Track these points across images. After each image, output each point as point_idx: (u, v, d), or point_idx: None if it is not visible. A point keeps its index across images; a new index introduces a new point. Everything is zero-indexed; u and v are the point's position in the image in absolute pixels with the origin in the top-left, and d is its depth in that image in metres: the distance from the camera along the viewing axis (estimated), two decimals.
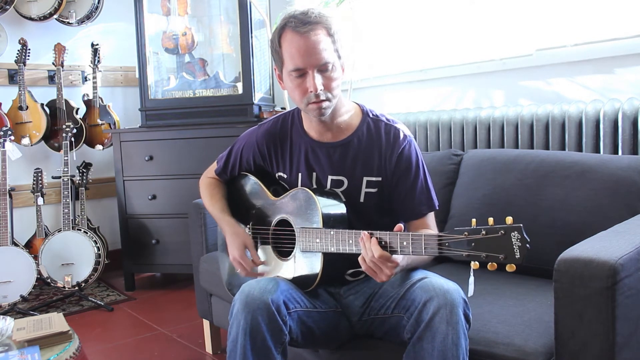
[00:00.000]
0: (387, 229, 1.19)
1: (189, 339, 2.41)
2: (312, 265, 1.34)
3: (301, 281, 1.36)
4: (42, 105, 3.14)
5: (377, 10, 2.89)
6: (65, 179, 2.99)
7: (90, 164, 3.28)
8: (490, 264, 1.05)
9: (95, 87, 3.30)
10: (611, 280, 1.05)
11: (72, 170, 3.11)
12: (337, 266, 1.36)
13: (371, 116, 1.46)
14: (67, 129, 3.03)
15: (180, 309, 2.81)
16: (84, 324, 2.62)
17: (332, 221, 1.33)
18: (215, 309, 2.11)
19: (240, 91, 3.03)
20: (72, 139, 3.08)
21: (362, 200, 1.42)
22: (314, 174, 1.45)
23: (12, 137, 2.88)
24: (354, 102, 1.50)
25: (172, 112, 3.08)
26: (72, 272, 2.90)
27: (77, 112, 3.28)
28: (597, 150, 1.87)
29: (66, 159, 3.00)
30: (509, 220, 1.05)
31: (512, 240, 1.03)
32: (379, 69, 2.90)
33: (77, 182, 3.19)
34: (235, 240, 1.49)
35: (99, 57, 3.30)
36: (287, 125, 1.51)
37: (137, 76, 3.13)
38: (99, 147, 3.35)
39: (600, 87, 2.02)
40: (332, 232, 1.28)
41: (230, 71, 3.23)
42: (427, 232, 1.34)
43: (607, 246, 1.14)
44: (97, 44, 3.30)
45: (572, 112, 1.92)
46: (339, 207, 1.37)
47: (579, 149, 1.91)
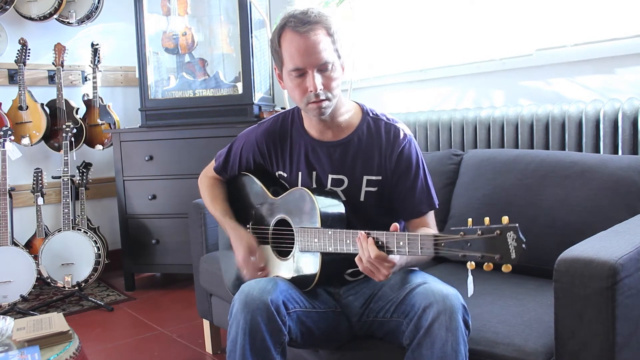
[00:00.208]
0: (387, 228, 1.19)
1: (189, 339, 2.41)
2: (310, 265, 1.34)
3: (300, 281, 1.36)
4: (42, 105, 3.14)
5: (377, 10, 2.89)
6: (65, 179, 2.99)
7: (90, 164, 3.28)
8: (486, 264, 1.05)
9: (95, 87, 3.30)
10: (611, 280, 1.05)
11: (72, 170, 3.11)
12: (335, 266, 1.36)
13: (371, 115, 1.45)
14: (67, 129, 3.03)
15: (180, 309, 2.81)
16: (84, 324, 2.62)
17: (330, 221, 1.33)
18: (215, 309, 2.11)
19: (240, 91, 3.03)
20: (72, 139, 3.08)
21: (362, 199, 1.42)
22: (314, 173, 1.45)
23: (12, 137, 2.88)
24: (354, 101, 1.50)
25: (172, 112, 3.08)
26: (72, 272, 2.90)
27: (77, 112, 3.28)
28: (597, 150, 1.87)
29: (66, 159, 3.00)
30: (504, 220, 1.04)
31: (508, 240, 1.02)
32: (379, 69, 2.90)
33: (77, 182, 3.19)
34: (239, 244, 1.49)
35: (99, 57, 3.30)
36: (287, 124, 1.51)
37: (137, 76, 3.13)
38: (99, 147, 3.35)
39: (600, 87, 2.02)
40: (330, 232, 1.28)
41: (230, 71, 3.23)
42: (425, 231, 1.34)
43: (607, 246, 1.14)
44: (97, 44, 3.31)
45: (572, 112, 1.91)
46: (338, 207, 1.37)
47: (579, 149, 1.91)
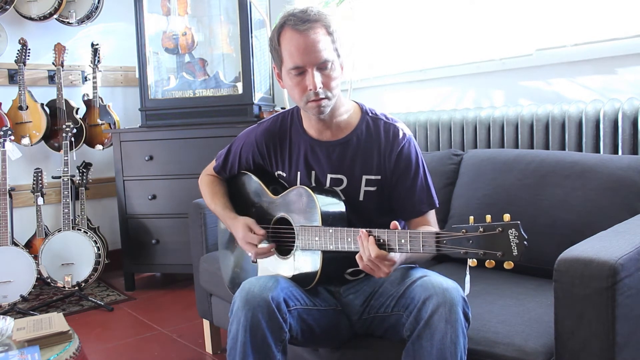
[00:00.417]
0: (387, 228, 1.19)
1: (189, 339, 2.41)
2: (311, 263, 1.34)
3: (301, 279, 1.36)
4: (42, 105, 3.14)
5: (377, 10, 2.89)
6: (65, 179, 2.99)
7: (90, 164, 3.28)
8: (488, 261, 1.05)
9: (95, 87, 3.30)
10: (611, 280, 1.05)
11: (72, 170, 3.11)
12: (336, 265, 1.36)
13: (370, 115, 1.46)
14: (67, 129, 3.03)
15: (180, 309, 2.81)
16: (84, 324, 2.62)
17: (331, 219, 1.33)
18: (215, 308, 2.11)
19: (240, 91, 3.03)
20: (72, 139, 3.08)
21: (362, 198, 1.42)
22: (313, 173, 1.45)
23: (12, 137, 2.88)
24: (354, 101, 1.50)
25: (172, 112, 3.08)
26: (72, 272, 2.90)
27: (77, 112, 3.28)
28: (597, 150, 1.87)
29: (66, 158, 3.00)
30: (506, 217, 1.05)
31: (510, 237, 1.03)
32: (379, 69, 2.90)
33: (77, 182, 3.19)
34: (237, 225, 1.48)
35: (99, 57, 3.30)
36: (287, 123, 1.51)
37: (137, 76, 3.13)
38: (99, 147, 3.35)
39: (600, 87, 2.02)
40: (330, 230, 1.28)
41: (230, 71, 3.23)
42: (426, 229, 1.34)
43: (607, 246, 1.14)
44: (97, 44, 3.31)
45: (572, 112, 1.92)
46: (338, 206, 1.37)
47: (579, 149, 1.91)
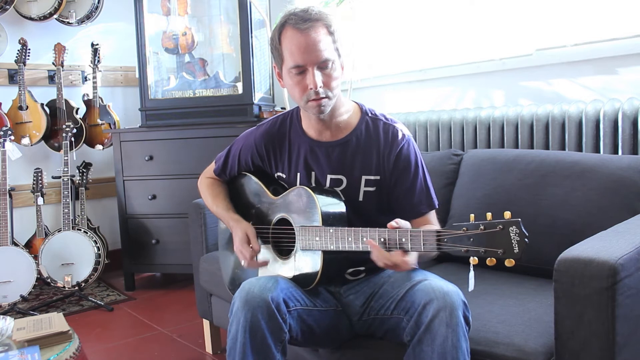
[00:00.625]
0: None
1: (189, 339, 2.41)
2: (312, 263, 1.34)
3: (301, 280, 1.36)
4: (42, 105, 3.14)
5: (377, 10, 2.89)
6: (65, 179, 2.99)
7: (90, 164, 3.28)
8: (489, 259, 1.05)
9: (95, 87, 3.30)
10: (611, 280, 1.05)
11: (72, 170, 3.11)
12: (337, 265, 1.36)
13: (370, 115, 1.46)
14: (67, 129, 3.03)
15: (180, 309, 2.81)
16: (84, 324, 2.62)
17: (331, 219, 1.33)
18: (215, 309, 2.11)
19: (240, 91, 3.03)
20: (72, 139, 3.08)
21: (361, 199, 1.42)
22: (313, 174, 1.45)
23: (12, 137, 2.88)
24: (353, 101, 1.50)
25: (172, 112, 3.08)
26: (72, 272, 2.90)
27: (77, 112, 3.28)
28: (597, 150, 1.87)
29: (66, 158, 3.00)
30: (507, 215, 1.05)
31: (511, 235, 1.03)
32: (379, 69, 2.90)
33: (77, 182, 3.19)
34: (238, 230, 1.48)
35: (99, 57, 3.30)
36: (286, 125, 1.51)
37: (137, 76, 3.13)
38: (99, 147, 3.35)
39: (600, 87, 2.02)
40: (331, 230, 1.28)
41: (230, 71, 3.23)
42: (427, 228, 1.34)
43: (607, 246, 1.14)
44: (97, 44, 3.31)
45: (572, 112, 1.92)
46: (339, 206, 1.37)
47: (579, 149, 1.91)
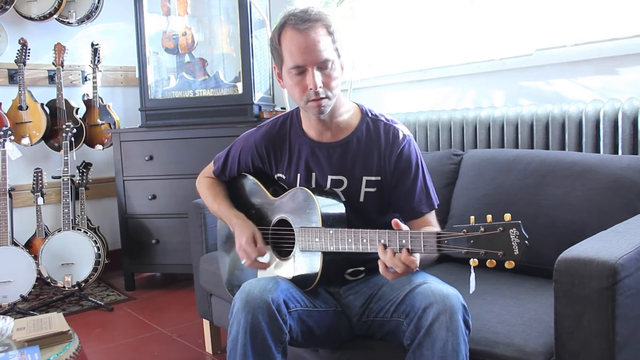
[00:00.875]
0: (388, 228, 1.19)
1: (189, 339, 2.41)
2: (311, 264, 1.34)
3: (301, 280, 1.36)
4: (42, 105, 3.14)
5: (377, 10, 2.89)
6: (65, 179, 2.99)
7: (90, 164, 3.28)
8: (489, 260, 1.05)
9: (95, 87, 3.30)
10: (611, 280, 1.05)
11: (72, 170, 3.11)
12: (336, 265, 1.36)
13: (370, 116, 1.46)
14: (67, 129, 3.03)
15: (180, 309, 2.81)
16: (84, 324, 2.62)
17: (331, 220, 1.33)
18: (215, 309, 2.11)
19: (240, 91, 3.03)
20: (72, 139, 3.08)
21: (362, 199, 1.42)
22: (313, 175, 1.45)
23: (12, 137, 2.88)
24: (353, 102, 1.50)
25: (172, 112, 3.08)
26: (72, 272, 2.90)
27: (77, 112, 3.28)
28: (597, 150, 1.87)
29: (66, 158, 3.00)
30: (507, 217, 1.05)
31: (511, 237, 1.03)
32: (379, 69, 2.90)
33: (77, 182, 3.19)
34: (244, 229, 1.46)
35: (99, 57, 3.30)
36: (286, 126, 1.51)
37: (137, 76, 3.13)
38: (99, 147, 3.35)
39: (600, 87, 2.02)
40: (331, 231, 1.28)
41: (230, 71, 3.23)
42: (427, 229, 1.34)
43: (607, 246, 1.14)
44: (97, 44, 3.31)
45: (572, 112, 1.92)
46: (338, 207, 1.37)
47: (579, 149, 1.91)
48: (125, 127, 3.44)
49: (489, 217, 1.06)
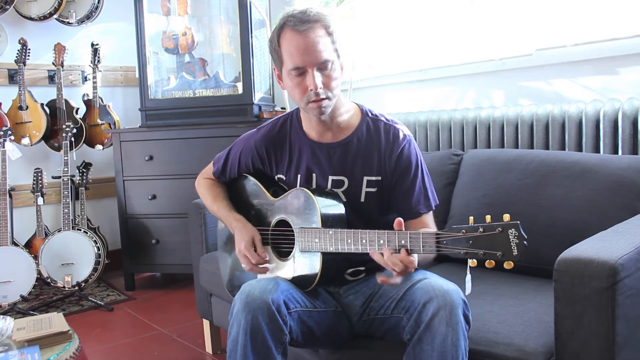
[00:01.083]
0: (388, 228, 1.19)
1: (189, 339, 2.41)
2: (311, 265, 1.34)
3: (301, 281, 1.36)
4: (42, 105, 3.14)
5: (377, 10, 2.89)
6: (65, 179, 2.99)
7: (90, 164, 3.28)
8: (488, 261, 1.06)
9: (95, 87, 3.30)
10: (611, 280, 1.05)
11: (72, 170, 3.11)
12: (336, 266, 1.36)
13: (370, 116, 1.46)
14: (67, 129, 3.03)
15: (180, 309, 2.81)
16: (84, 324, 2.62)
17: (330, 221, 1.33)
18: (215, 309, 2.11)
19: (240, 91, 3.03)
20: (72, 139, 3.08)
21: (363, 200, 1.42)
22: (314, 175, 1.45)
23: (12, 137, 2.88)
24: (353, 102, 1.50)
25: (172, 112, 3.08)
26: (72, 272, 2.90)
27: (77, 112, 3.28)
28: (597, 150, 1.87)
29: (66, 158, 3.00)
30: (506, 217, 1.05)
31: (510, 237, 1.03)
32: (379, 69, 2.90)
33: (77, 182, 3.19)
34: (244, 234, 1.46)
35: (99, 57, 3.30)
36: (286, 127, 1.51)
37: (137, 76, 3.13)
38: (99, 147, 3.35)
39: (600, 87, 2.02)
40: (330, 232, 1.28)
41: (230, 71, 3.23)
42: (426, 230, 1.34)
43: (607, 246, 1.14)
44: (97, 44, 3.31)
45: (572, 112, 1.91)
46: (338, 207, 1.37)
47: (579, 149, 1.91)
48: (125, 127, 3.44)
49: (488, 218, 1.06)
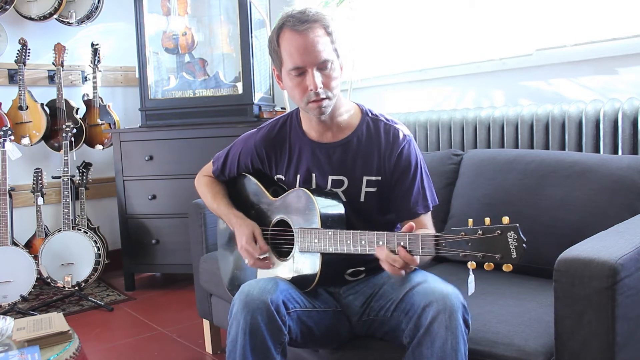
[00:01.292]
0: (388, 228, 1.19)
1: (189, 339, 2.41)
2: (310, 265, 1.34)
3: (300, 281, 1.36)
4: (42, 105, 3.14)
5: (377, 10, 2.89)
6: (65, 179, 2.99)
7: (90, 164, 3.28)
8: (486, 263, 1.05)
9: (95, 87, 3.30)
10: (611, 280, 1.05)
11: (72, 170, 3.11)
12: (336, 266, 1.36)
13: (370, 116, 1.46)
14: (67, 129, 3.03)
15: (180, 309, 2.81)
16: (84, 324, 2.62)
17: (330, 221, 1.33)
18: (215, 309, 2.11)
19: (240, 91, 3.03)
20: (72, 139, 3.08)
21: (363, 199, 1.42)
22: (313, 175, 1.45)
23: (12, 137, 2.88)
24: (353, 102, 1.50)
25: (172, 112, 3.08)
26: (72, 272, 2.90)
27: (77, 112, 3.28)
28: (597, 150, 1.87)
29: (66, 158, 3.00)
30: (505, 220, 1.05)
31: (509, 240, 1.03)
32: (379, 69, 2.90)
33: (77, 182, 3.19)
34: (244, 228, 1.46)
35: (99, 57, 3.30)
36: (286, 128, 1.51)
37: (137, 76, 3.13)
38: (99, 147, 3.35)
39: (600, 87, 2.02)
40: (330, 233, 1.28)
41: (230, 71, 3.23)
42: (424, 232, 1.34)
43: (607, 246, 1.14)
44: (97, 44, 3.31)
45: (572, 112, 1.91)
46: (338, 208, 1.37)
47: (579, 149, 1.91)
48: (125, 127, 3.44)
49: (487, 220, 1.06)
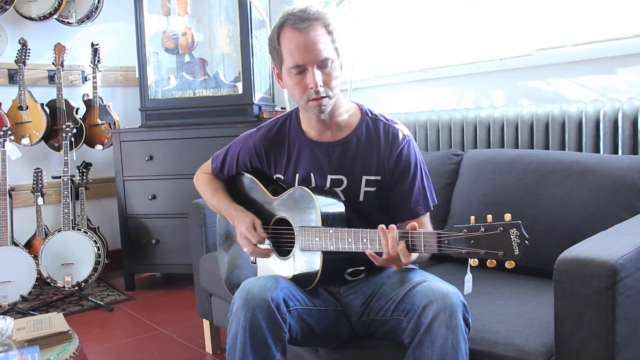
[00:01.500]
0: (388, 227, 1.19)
1: (189, 339, 2.41)
2: (311, 263, 1.34)
3: (301, 279, 1.36)
4: (42, 105, 3.14)
5: (377, 10, 2.89)
6: (65, 179, 2.99)
7: (90, 164, 3.28)
8: (489, 260, 1.06)
9: (95, 87, 3.30)
10: (611, 280, 1.05)
11: (72, 170, 3.11)
12: (336, 265, 1.36)
13: (370, 115, 1.46)
14: (67, 129, 3.03)
15: (180, 309, 2.81)
16: (84, 324, 2.62)
17: (330, 220, 1.33)
18: (215, 308, 2.11)
19: (240, 91, 3.03)
20: (72, 139, 3.08)
21: (362, 199, 1.42)
22: (312, 175, 1.45)
23: (12, 137, 2.88)
24: (353, 101, 1.50)
25: (172, 112, 3.08)
26: (72, 272, 2.90)
27: (77, 112, 3.28)
28: (597, 150, 1.87)
29: (66, 158, 3.00)
30: (507, 217, 1.05)
31: (511, 237, 1.03)
32: (379, 69, 2.90)
33: (77, 182, 3.19)
34: (244, 218, 1.46)
35: (99, 57, 3.30)
36: (285, 127, 1.51)
37: (137, 76, 3.13)
38: (99, 147, 3.35)
39: (600, 87, 2.02)
40: (331, 231, 1.28)
41: (230, 71, 3.23)
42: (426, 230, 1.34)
43: (607, 246, 1.14)
44: (97, 44, 3.31)
45: (572, 112, 1.91)
46: (338, 206, 1.37)
47: (579, 149, 1.91)
48: (125, 127, 3.44)
49: (489, 217, 1.06)
